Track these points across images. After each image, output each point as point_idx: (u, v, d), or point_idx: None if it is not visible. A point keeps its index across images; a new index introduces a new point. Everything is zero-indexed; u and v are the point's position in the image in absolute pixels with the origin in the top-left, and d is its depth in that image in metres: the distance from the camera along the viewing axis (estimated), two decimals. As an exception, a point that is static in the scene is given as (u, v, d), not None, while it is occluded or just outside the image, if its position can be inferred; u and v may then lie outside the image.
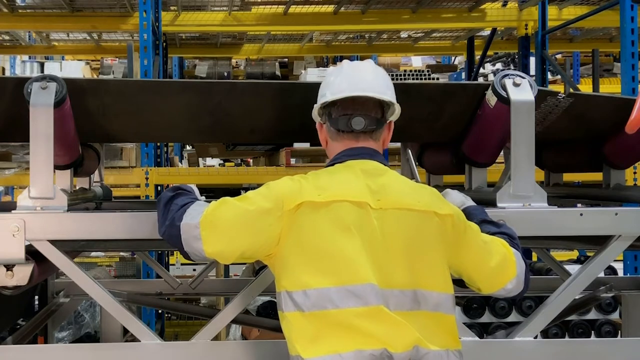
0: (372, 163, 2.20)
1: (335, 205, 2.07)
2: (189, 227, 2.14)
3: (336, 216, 2.06)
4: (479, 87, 2.88)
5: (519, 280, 2.28)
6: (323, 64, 12.00)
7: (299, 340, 2.02)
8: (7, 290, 2.56)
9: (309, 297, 2.01)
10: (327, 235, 2.05)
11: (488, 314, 5.34)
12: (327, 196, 2.07)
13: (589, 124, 3.26)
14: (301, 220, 2.07)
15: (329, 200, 2.07)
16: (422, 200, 2.15)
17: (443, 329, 2.10)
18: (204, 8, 8.34)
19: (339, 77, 2.25)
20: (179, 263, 9.46)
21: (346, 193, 2.09)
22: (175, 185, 2.35)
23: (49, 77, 2.61)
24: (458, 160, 3.19)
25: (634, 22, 6.11)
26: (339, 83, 2.23)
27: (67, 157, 3.00)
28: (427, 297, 2.07)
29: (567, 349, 2.76)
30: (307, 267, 2.04)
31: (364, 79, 2.23)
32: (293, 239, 2.07)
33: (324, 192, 2.08)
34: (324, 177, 2.16)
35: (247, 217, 2.10)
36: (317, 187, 2.11)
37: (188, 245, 2.16)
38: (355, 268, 2.02)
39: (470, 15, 8.07)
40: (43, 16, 7.96)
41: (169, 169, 7.28)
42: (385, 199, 2.10)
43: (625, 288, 4.08)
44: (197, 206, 2.19)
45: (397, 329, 2.00)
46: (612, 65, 11.28)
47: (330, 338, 1.99)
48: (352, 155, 2.20)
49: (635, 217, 2.67)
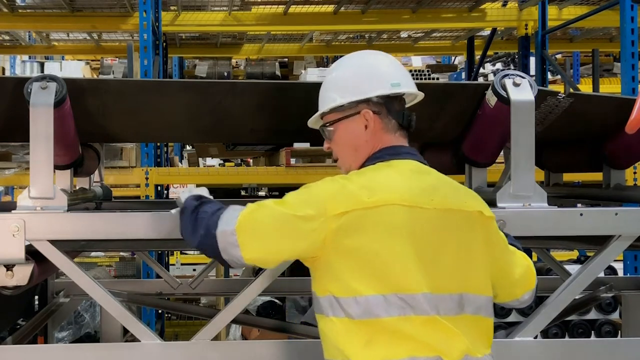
0: (416, 163, 2.12)
1: (385, 209, 1.95)
2: (225, 234, 2.04)
3: (386, 220, 1.95)
4: (479, 87, 2.88)
5: (533, 293, 2.27)
6: (323, 64, 11.99)
7: (349, 345, 1.94)
8: (7, 290, 2.56)
9: (359, 305, 1.93)
10: (378, 240, 1.94)
11: (488, 314, 5.33)
12: (377, 200, 1.95)
13: (589, 124, 3.26)
14: (349, 224, 1.95)
15: (378, 204, 1.95)
16: (468, 201, 2.09)
17: (482, 332, 2.05)
18: (204, 8, 8.34)
19: (394, 67, 2.19)
20: (179, 263, 9.47)
21: (396, 195, 1.97)
22: (194, 194, 2.25)
23: (49, 77, 2.61)
24: (458, 160, 3.19)
25: (634, 22, 6.11)
26: (400, 75, 2.17)
27: (67, 157, 3.00)
28: (471, 300, 2.01)
29: (567, 349, 2.76)
30: (356, 274, 1.94)
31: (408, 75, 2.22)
32: (340, 244, 1.96)
33: (373, 195, 1.96)
34: (370, 176, 2.04)
35: (287, 222, 1.99)
36: (363, 188, 1.98)
37: (226, 253, 2.05)
38: (407, 275, 1.94)
39: (470, 15, 8.07)
40: (43, 16, 7.96)
41: (169, 169, 7.28)
42: (436, 200, 2.01)
43: (625, 288, 4.08)
44: (231, 211, 2.08)
45: (450, 337, 1.95)
46: (612, 65, 11.28)
47: (383, 344, 1.92)
48: (395, 154, 2.11)
49: (635, 217, 2.67)
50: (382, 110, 2.11)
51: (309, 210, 1.97)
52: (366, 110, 2.10)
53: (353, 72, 2.17)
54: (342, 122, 2.15)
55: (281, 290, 4.26)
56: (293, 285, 4.26)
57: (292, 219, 1.98)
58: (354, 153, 2.15)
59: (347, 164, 2.18)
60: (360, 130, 2.12)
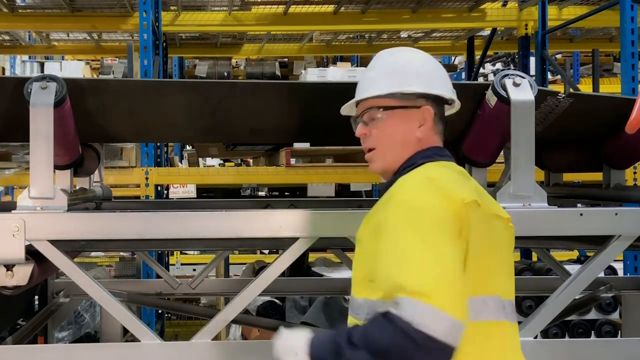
0: (460, 167, 2.02)
1: (472, 205, 1.83)
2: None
3: (473, 218, 1.83)
4: (479, 87, 2.88)
5: None
6: (323, 64, 11.99)
7: None
8: (7, 290, 2.56)
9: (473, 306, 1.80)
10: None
11: (488, 314, 5.33)
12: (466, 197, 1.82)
13: (589, 124, 3.26)
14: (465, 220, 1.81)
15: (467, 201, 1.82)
16: (500, 208, 2.02)
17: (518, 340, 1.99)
18: (204, 8, 8.34)
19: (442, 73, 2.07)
20: (179, 263, 9.47)
21: (471, 194, 1.85)
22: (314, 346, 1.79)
23: (49, 77, 2.61)
24: (458, 160, 3.17)
25: (634, 22, 6.10)
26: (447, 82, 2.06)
27: (67, 157, 3.00)
28: (511, 306, 1.94)
29: (567, 349, 2.76)
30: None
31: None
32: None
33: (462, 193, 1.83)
34: (444, 173, 1.90)
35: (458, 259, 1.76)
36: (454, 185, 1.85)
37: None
38: (486, 276, 1.85)
39: (470, 15, 8.07)
40: (43, 16, 7.96)
41: (169, 169, 7.27)
42: (486, 205, 1.92)
43: (625, 288, 4.08)
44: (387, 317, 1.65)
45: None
46: (612, 65, 11.28)
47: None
48: (442, 155, 1.99)
49: (635, 217, 2.67)
50: (438, 112, 2.00)
51: (454, 231, 1.76)
52: (427, 107, 1.96)
53: (421, 63, 2.04)
54: (397, 112, 1.97)
55: (281, 290, 4.26)
56: (293, 285, 4.26)
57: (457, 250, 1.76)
58: (400, 149, 1.97)
59: (388, 158, 1.99)
60: (414, 126, 1.96)
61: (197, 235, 2.60)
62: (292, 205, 3.85)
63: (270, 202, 3.98)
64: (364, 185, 7.92)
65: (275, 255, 5.43)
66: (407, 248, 1.71)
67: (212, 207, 3.76)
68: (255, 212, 2.74)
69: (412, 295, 1.63)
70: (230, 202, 4.21)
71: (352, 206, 3.82)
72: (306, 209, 2.65)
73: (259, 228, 2.59)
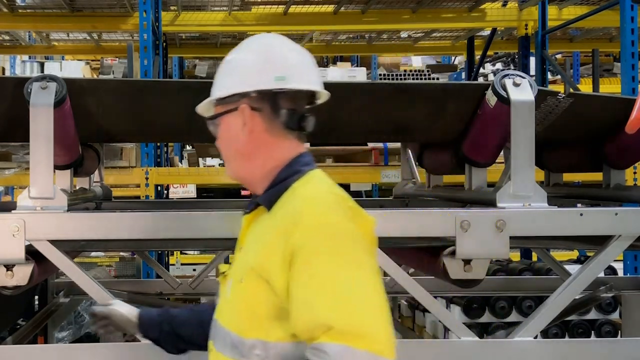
0: None
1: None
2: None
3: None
4: (479, 87, 2.88)
5: None
6: (323, 64, 11.99)
7: None
8: (7, 290, 2.56)
9: None
10: None
11: (488, 314, 5.32)
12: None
13: (589, 124, 3.26)
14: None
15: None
16: None
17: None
18: (204, 8, 8.34)
19: (299, 57, 1.78)
20: (179, 263, 9.46)
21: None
22: None
23: (49, 77, 2.61)
24: (458, 160, 3.19)
25: (634, 22, 6.11)
26: (292, 67, 1.75)
27: (67, 157, 3.00)
28: None
29: (567, 349, 2.76)
30: None
31: (310, 66, 1.81)
32: None
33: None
34: (341, 190, 1.71)
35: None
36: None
37: None
38: None
39: (470, 15, 8.07)
40: (43, 16, 7.96)
41: (169, 169, 7.28)
42: None
43: (625, 288, 4.08)
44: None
45: None
46: (612, 65, 11.28)
47: None
48: (307, 164, 1.76)
49: (635, 217, 2.67)
50: (265, 107, 1.71)
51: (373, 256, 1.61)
52: (244, 105, 1.70)
53: (244, 57, 1.76)
54: (224, 117, 1.75)
55: (281, 290, 4.26)
56: (293, 285, 4.26)
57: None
58: (246, 160, 1.74)
59: (236, 170, 1.77)
60: (237, 129, 1.71)
61: (197, 235, 2.60)
62: (292, 205, 3.84)
63: (270, 202, 3.97)
64: (364, 185, 7.92)
65: (275, 255, 5.42)
66: (333, 281, 1.48)
67: (212, 207, 3.76)
68: (255, 212, 2.73)
69: (341, 338, 1.42)
70: (230, 202, 4.20)
71: (352, 206, 3.82)
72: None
73: (259, 228, 2.58)
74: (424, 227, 2.60)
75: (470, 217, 2.56)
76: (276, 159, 1.72)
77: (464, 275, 2.60)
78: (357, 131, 3.37)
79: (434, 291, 3.19)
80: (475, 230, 2.55)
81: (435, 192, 3.75)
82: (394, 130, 3.40)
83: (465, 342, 2.61)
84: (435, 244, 2.69)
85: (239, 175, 1.77)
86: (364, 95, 3.02)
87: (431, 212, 2.69)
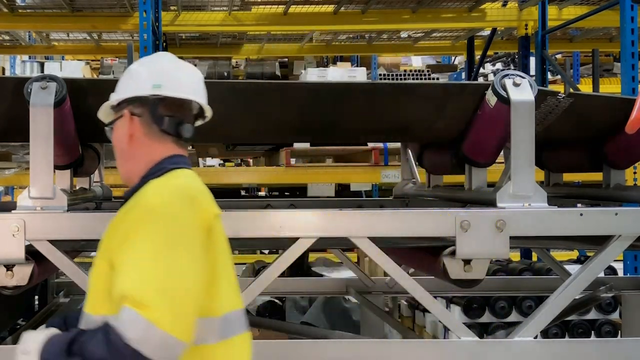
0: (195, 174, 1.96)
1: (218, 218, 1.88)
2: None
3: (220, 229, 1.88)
4: (479, 87, 2.88)
5: None
6: (323, 64, 11.98)
7: None
8: (7, 290, 2.56)
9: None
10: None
11: (488, 314, 5.32)
12: (214, 207, 1.86)
13: (589, 124, 3.26)
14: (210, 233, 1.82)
15: (217, 212, 1.87)
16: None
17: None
18: (204, 8, 8.34)
19: (169, 70, 1.96)
20: (179, 263, 9.45)
21: (217, 209, 1.88)
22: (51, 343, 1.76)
23: (49, 77, 2.61)
24: (458, 160, 3.19)
25: (634, 22, 6.10)
26: (171, 78, 1.94)
27: (67, 157, 3.00)
28: (244, 315, 1.95)
29: (567, 349, 2.76)
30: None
31: (193, 81, 1.99)
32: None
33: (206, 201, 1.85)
34: (184, 183, 1.86)
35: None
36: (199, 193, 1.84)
37: None
38: (233, 290, 1.86)
39: (470, 15, 8.07)
40: (43, 16, 7.96)
41: (169, 169, 7.26)
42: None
43: (625, 288, 4.08)
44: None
45: None
46: (612, 65, 11.27)
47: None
48: (175, 163, 1.92)
49: (635, 217, 2.67)
50: (145, 113, 1.92)
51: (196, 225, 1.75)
52: (127, 111, 1.94)
53: (134, 69, 2.01)
54: (116, 123, 1.99)
55: (281, 290, 4.26)
56: (293, 285, 4.26)
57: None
58: (127, 160, 1.96)
59: (125, 172, 1.97)
60: (122, 132, 1.95)
61: (197, 235, 2.59)
62: (292, 205, 3.85)
63: (270, 202, 3.98)
64: (364, 185, 7.92)
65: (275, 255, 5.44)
66: (142, 257, 1.64)
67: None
68: (255, 212, 2.74)
69: (131, 304, 1.57)
70: (230, 202, 4.21)
71: (352, 206, 3.83)
72: (306, 209, 2.65)
73: (259, 228, 2.59)
74: (424, 227, 2.60)
75: (470, 217, 2.56)
76: (150, 160, 1.90)
77: (464, 275, 2.60)
78: (357, 131, 3.38)
79: (434, 291, 3.19)
80: (475, 230, 2.55)
81: (435, 192, 3.75)
82: (394, 130, 3.40)
83: (465, 342, 2.61)
84: (435, 244, 2.69)
85: (123, 174, 1.97)
86: (364, 95, 3.02)
87: (431, 212, 2.69)
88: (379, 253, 2.59)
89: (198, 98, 1.97)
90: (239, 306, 1.86)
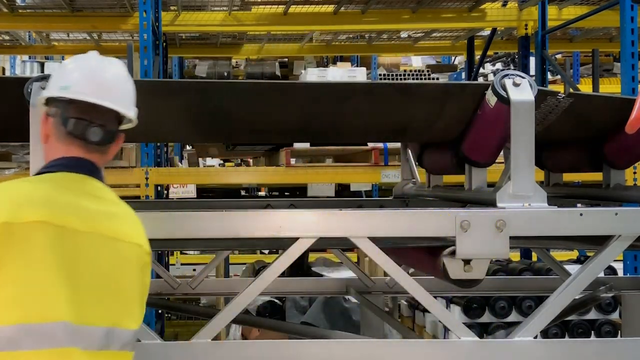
0: (83, 178, 1.95)
1: (30, 225, 1.76)
2: None
3: (31, 238, 1.76)
4: (479, 87, 2.87)
5: None
6: (323, 64, 11.99)
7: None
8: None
9: None
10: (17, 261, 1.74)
11: (488, 314, 5.33)
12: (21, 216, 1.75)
13: (589, 124, 3.26)
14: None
15: (23, 220, 1.75)
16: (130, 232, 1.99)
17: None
18: (204, 8, 8.34)
19: (83, 72, 1.96)
20: (179, 263, 9.47)
21: (44, 211, 1.78)
22: None
23: (49, 77, 2.60)
24: (458, 160, 3.19)
25: (634, 22, 6.11)
26: (81, 80, 1.93)
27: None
28: (103, 332, 1.86)
29: (567, 349, 2.76)
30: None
31: (109, 84, 1.97)
32: None
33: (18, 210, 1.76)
34: (15, 187, 1.83)
35: None
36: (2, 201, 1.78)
37: None
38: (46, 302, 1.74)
39: (470, 15, 8.08)
40: (43, 16, 7.97)
41: (169, 169, 7.28)
42: (90, 224, 1.85)
43: (625, 288, 4.07)
44: None
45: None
46: (612, 65, 11.28)
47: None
48: (63, 166, 1.91)
49: (635, 217, 2.67)
50: (57, 114, 1.93)
51: None
52: (43, 112, 1.96)
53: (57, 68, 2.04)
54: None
55: (281, 290, 4.26)
56: (293, 285, 4.26)
57: None
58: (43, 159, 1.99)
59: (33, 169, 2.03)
60: (44, 131, 1.97)
61: (197, 235, 2.60)
62: (292, 205, 3.85)
63: (270, 202, 3.98)
64: (364, 185, 7.93)
65: (275, 255, 5.44)
66: None
67: (212, 207, 3.76)
68: (255, 212, 2.74)
69: None
70: (230, 202, 4.20)
71: (352, 206, 3.82)
72: (306, 209, 2.65)
73: (259, 228, 2.59)
74: (424, 227, 2.60)
75: (470, 217, 2.56)
76: (48, 160, 1.94)
77: (464, 275, 2.60)
78: (357, 131, 3.38)
79: (434, 291, 3.19)
80: (475, 230, 2.55)
81: (435, 192, 3.75)
82: (394, 130, 3.40)
83: (465, 342, 2.61)
84: (435, 244, 2.69)
85: None
86: (364, 95, 3.02)
87: (431, 212, 2.69)
88: (379, 253, 2.59)
89: (107, 102, 1.93)
90: (51, 319, 1.73)
